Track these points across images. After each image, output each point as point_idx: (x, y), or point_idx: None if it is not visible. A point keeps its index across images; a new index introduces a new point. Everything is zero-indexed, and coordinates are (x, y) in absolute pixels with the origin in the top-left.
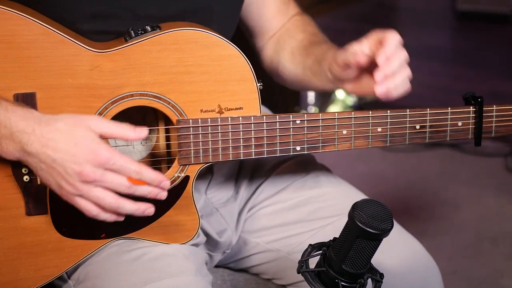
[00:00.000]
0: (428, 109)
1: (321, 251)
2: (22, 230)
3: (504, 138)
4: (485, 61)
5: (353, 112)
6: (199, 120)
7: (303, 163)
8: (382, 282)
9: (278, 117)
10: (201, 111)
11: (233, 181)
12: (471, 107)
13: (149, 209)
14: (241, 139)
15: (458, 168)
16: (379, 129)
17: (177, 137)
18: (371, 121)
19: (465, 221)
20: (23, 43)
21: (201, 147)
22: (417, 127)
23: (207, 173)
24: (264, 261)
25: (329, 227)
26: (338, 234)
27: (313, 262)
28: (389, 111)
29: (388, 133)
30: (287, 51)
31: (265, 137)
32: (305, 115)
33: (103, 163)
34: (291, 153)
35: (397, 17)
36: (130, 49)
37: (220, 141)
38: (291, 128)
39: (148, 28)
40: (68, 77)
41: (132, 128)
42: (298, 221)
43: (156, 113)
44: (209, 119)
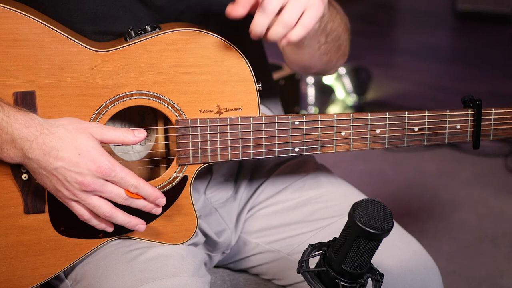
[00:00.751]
0: (426, 112)
1: (321, 251)
2: (20, 228)
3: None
4: (485, 61)
5: (352, 114)
6: (198, 120)
7: (303, 164)
8: (382, 282)
9: (277, 118)
10: (200, 111)
11: (233, 181)
12: (470, 110)
13: (140, 226)
14: (240, 140)
15: (458, 168)
16: (378, 131)
17: (176, 137)
18: (369, 123)
19: (465, 221)
20: (23, 42)
21: (199, 147)
22: (416, 129)
23: (207, 173)
24: (264, 262)
25: (329, 228)
26: (338, 234)
27: (313, 262)
28: (387, 113)
29: (386, 135)
30: None
31: (264, 138)
32: (304, 116)
33: (105, 175)
34: (290, 154)
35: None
36: (129, 48)
37: (218, 141)
38: (290, 129)
39: (148, 28)
40: (67, 76)
41: (131, 131)
42: (298, 221)
43: (155, 113)
44: (208, 120)
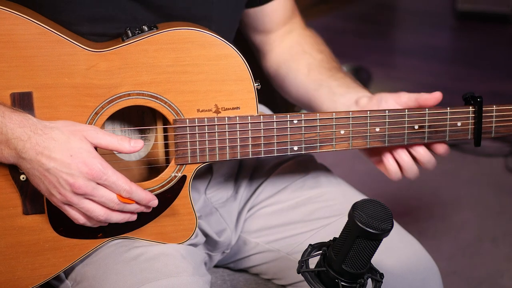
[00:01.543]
0: (427, 109)
1: (321, 251)
2: (19, 229)
3: (504, 138)
4: (485, 61)
5: (351, 112)
6: (196, 119)
7: (303, 163)
8: (382, 282)
9: (275, 116)
10: (198, 110)
11: (233, 181)
12: (471, 107)
13: (132, 217)
14: (238, 139)
15: (458, 168)
16: (377, 129)
17: (174, 137)
18: (369, 121)
19: (465, 221)
20: (20, 43)
21: (197, 147)
22: (416, 127)
23: (207, 173)
24: (264, 261)
25: (329, 227)
26: (338, 234)
27: (313, 262)
28: (387, 110)
29: (386, 133)
30: (302, 65)
31: (262, 137)
32: (303, 115)
33: (96, 178)
34: (289, 153)
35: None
36: (126, 48)
37: (217, 140)
38: (288, 128)
39: (145, 28)
40: (64, 77)
41: (127, 140)
42: (298, 221)
43: (154, 113)
44: (205, 119)
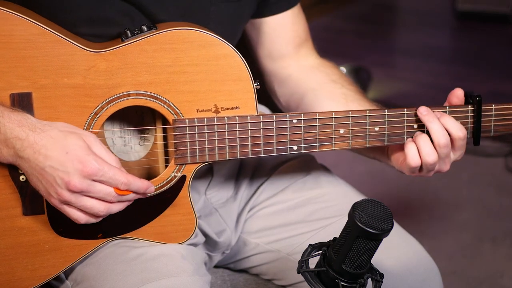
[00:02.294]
0: (430, 110)
1: (321, 251)
2: (19, 230)
3: (504, 138)
4: (485, 61)
5: (350, 111)
6: (195, 119)
7: (303, 164)
8: (382, 282)
9: (274, 116)
10: (198, 110)
11: (233, 181)
12: (470, 106)
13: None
14: (238, 139)
15: (458, 168)
16: (377, 128)
17: (174, 137)
18: (368, 120)
19: (465, 221)
20: (20, 43)
21: (197, 147)
22: (415, 126)
23: (207, 173)
24: (264, 262)
25: (329, 228)
26: (338, 234)
27: (313, 262)
28: (386, 110)
29: (385, 132)
30: (337, 95)
31: (262, 137)
32: (302, 114)
33: (91, 174)
34: (288, 153)
35: (397, 17)
36: (126, 48)
37: (216, 140)
38: (288, 127)
39: (144, 28)
40: (64, 77)
41: (119, 166)
42: (298, 221)
43: (153, 113)
44: (205, 119)
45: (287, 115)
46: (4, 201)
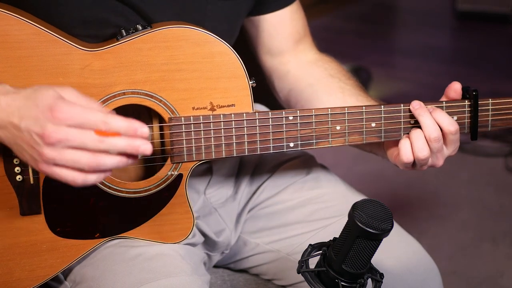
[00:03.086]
0: (423, 104)
1: (321, 251)
2: (16, 230)
3: (504, 138)
4: (485, 61)
5: (346, 107)
6: (191, 117)
7: (303, 164)
8: (382, 282)
9: (270, 113)
10: (193, 108)
11: (233, 181)
12: (466, 101)
13: (129, 160)
14: (234, 136)
15: (458, 168)
16: (373, 124)
17: (169, 135)
18: (364, 116)
19: (465, 221)
20: (15, 43)
21: (193, 145)
22: (412, 121)
23: (207, 173)
24: (264, 262)
25: (329, 228)
26: (338, 234)
27: (313, 262)
28: (383, 106)
29: (382, 128)
30: (334, 90)
31: (258, 134)
32: (298, 111)
33: (63, 119)
34: (285, 150)
35: (397, 17)
36: (120, 47)
37: (212, 138)
38: (284, 124)
39: (139, 27)
40: (59, 76)
41: (99, 107)
42: (298, 221)
43: (150, 114)
44: (201, 117)
45: (283, 112)
46: (1, 201)
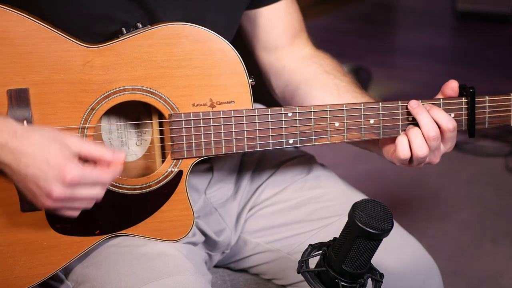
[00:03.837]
0: (420, 101)
1: (321, 251)
2: (16, 227)
3: (504, 138)
4: (485, 61)
5: (344, 104)
6: (191, 114)
7: (303, 163)
8: (382, 282)
9: (270, 110)
10: (193, 105)
11: (233, 181)
12: (463, 98)
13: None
14: (233, 133)
15: (458, 168)
16: (372, 121)
17: (170, 131)
18: (363, 113)
19: (465, 221)
20: (16, 39)
21: (193, 141)
22: (410, 118)
23: (208, 173)
24: (264, 261)
25: (329, 227)
26: (338, 234)
27: (313, 262)
28: (381, 103)
29: (381, 125)
30: (329, 86)
31: (257, 130)
32: (297, 108)
33: (73, 183)
34: (284, 146)
35: (397, 17)
36: (121, 44)
37: (212, 134)
38: (283, 121)
39: (139, 25)
40: (60, 73)
41: (110, 151)
42: (298, 221)
43: (150, 111)
44: (201, 113)
45: (282, 109)
46: (1, 198)
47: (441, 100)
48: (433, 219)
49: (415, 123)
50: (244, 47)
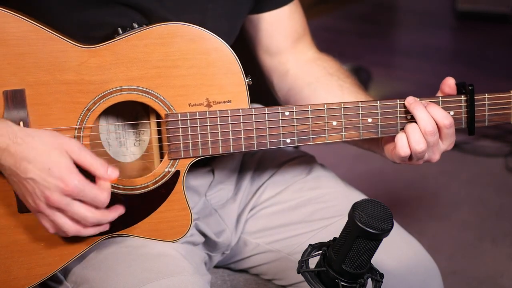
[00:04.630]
0: (418, 99)
1: (321, 251)
2: (14, 228)
3: (504, 138)
4: (485, 61)
5: (342, 103)
6: (188, 114)
7: (303, 164)
8: (382, 282)
9: (266, 109)
10: (190, 105)
11: (233, 182)
12: (462, 96)
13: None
14: (230, 132)
15: (458, 168)
16: (370, 119)
17: (166, 131)
18: (361, 111)
19: (465, 221)
20: (12, 40)
21: (190, 141)
22: (409, 117)
23: (208, 175)
24: (264, 262)
25: (329, 228)
26: (338, 234)
27: (313, 262)
28: (379, 101)
29: (379, 123)
30: (333, 88)
31: (255, 130)
32: (294, 107)
33: (72, 194)
34: (282, 146)
35: (397, 17)
36: (117, 44)
37: (209, 134)
38: (280, 120)
39: (135, 25)
40: (56, 73)
41: (106, 166)
42: (298, 221)
43: (148, 112)
44: (197, 113)
45: (279, 108)
46: None
47: (440, 98)
48: (433, 219)
49: (413, 121)
50: (243, 48)
